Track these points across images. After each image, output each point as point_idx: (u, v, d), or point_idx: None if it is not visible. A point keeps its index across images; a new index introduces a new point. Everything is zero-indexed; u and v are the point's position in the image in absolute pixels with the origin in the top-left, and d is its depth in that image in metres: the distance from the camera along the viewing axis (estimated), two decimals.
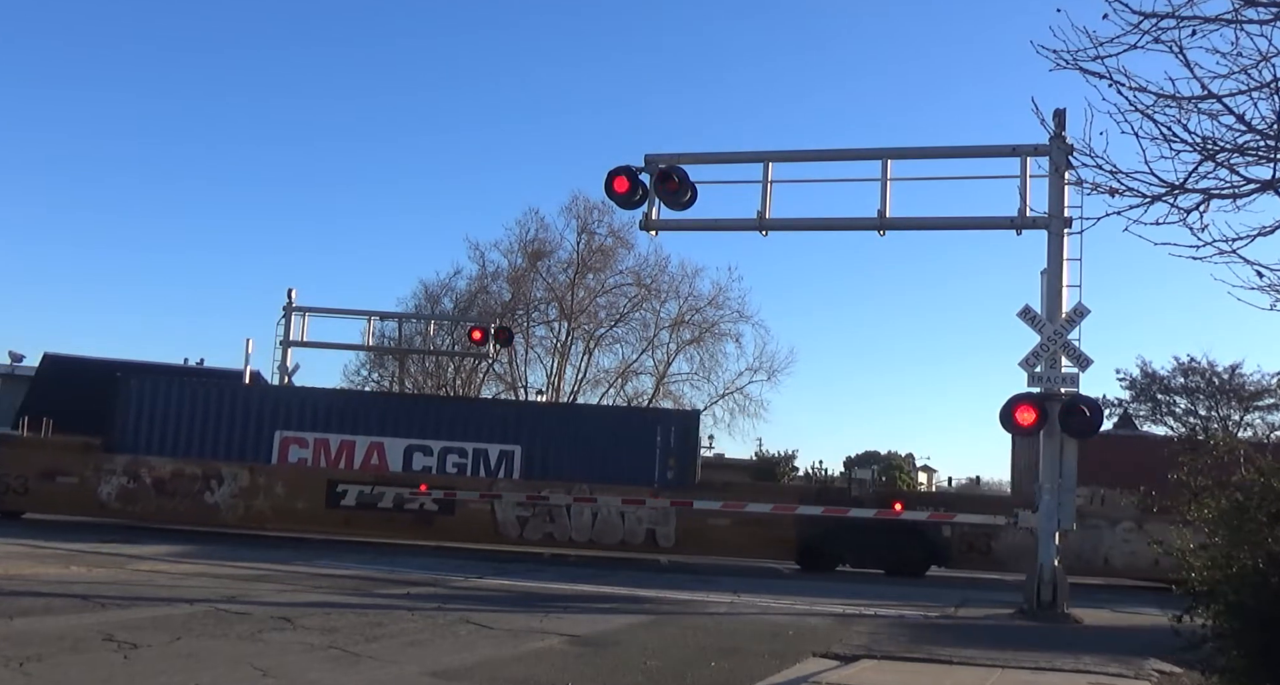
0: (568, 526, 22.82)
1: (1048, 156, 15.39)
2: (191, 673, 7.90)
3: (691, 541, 22.73)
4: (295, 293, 28.10)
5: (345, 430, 24.01)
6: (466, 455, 23.91)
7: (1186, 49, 5.78)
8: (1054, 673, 10.04)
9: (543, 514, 22.78)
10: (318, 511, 23.00)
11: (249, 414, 24.09)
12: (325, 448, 23.97)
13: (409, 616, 11.75)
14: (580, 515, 22.77)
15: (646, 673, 9.13)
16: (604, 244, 41.70)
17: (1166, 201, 6.23)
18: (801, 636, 11.74)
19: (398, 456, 23.84)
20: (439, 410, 25.11)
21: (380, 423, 24.19)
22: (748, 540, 22.32)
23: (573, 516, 22.79)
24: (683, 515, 22.41)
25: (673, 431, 24.20)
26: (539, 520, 22.85)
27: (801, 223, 18.35)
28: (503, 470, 23.87)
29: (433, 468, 23.75)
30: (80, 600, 11.41)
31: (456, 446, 23.93)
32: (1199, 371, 40.04)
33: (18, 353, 28.06)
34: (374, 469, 23.70)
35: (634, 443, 23.86)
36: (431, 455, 23.88)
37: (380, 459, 23.88)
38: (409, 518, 22.95)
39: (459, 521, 22.89)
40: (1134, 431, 36.08)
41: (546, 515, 22.79)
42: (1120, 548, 21.65)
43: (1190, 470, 8.54)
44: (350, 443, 23.95)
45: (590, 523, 22.81)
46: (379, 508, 22.90)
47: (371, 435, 23.97)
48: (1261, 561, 7.04)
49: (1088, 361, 15.66)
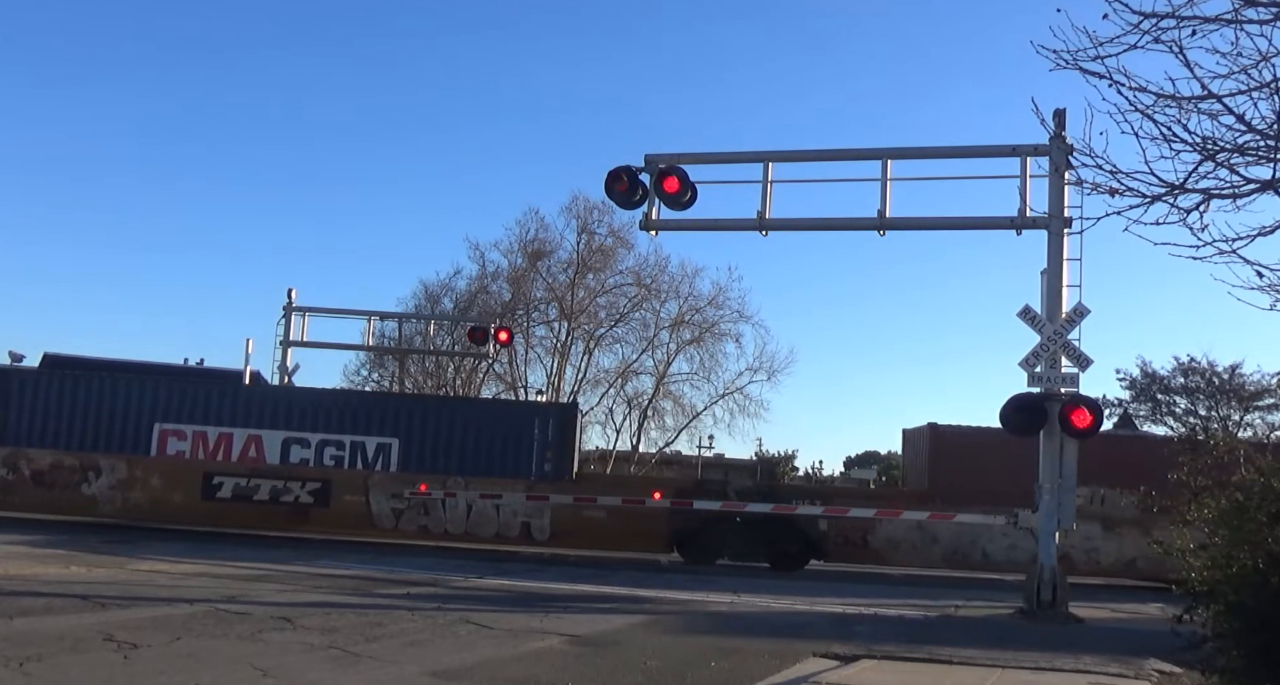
0: (442, 518, 22.90)
1: (1048, 156, 15.39)
2: (191, 673, 7.89)
3: (567, 534, 22.86)
4: (295, 293, 28.10)
5: (224, 423, 24.13)
6: (344, 448, 24.13)
7: (1186, 49, 5.79)
8: (1054, 673, 10.04)
9: (417, 506, 22.88)
10: (193, 504, 22.99)
11: (129, 407, 24.15)
12: (204, 440, 24.15)
13: (409, 616, 11.75)
14: (455, 508, 22.88)
15: (646, 673, 9.13)
16: (604, 244, 41.75)
17: (1166, 201, 6.23)
18: (801, 636, 11.73)
19: (275, 449, 24.03)
20: (316, 403, 24.98)
21: (259, 415, 24.30)
22: (623, 533, 22.51)
23: (447, 509, 22.89)
24: (557, 507, 22.61)
25: (551, 424, 24.39)
26: (414, 512, 22.93)
27: (801, 223, 18.36)
28: (380, 463, 24.02)
29: (310, 460, 23.97)
30: (80, 600, 11.41)
31: (334, 439, 24.15)
32: (1199, 371, 40.09)
33: (18, 353, 28.10)
34: (251, 461, 23.84)
35: (512, 436, 24.10)
36: (309, 448, 24.10)
37: (258, 451, 24.05)
38: (284, 510, 23.01)
39: (334, 514, 22.99)
40: (1134, 431, 36.08)
41: (421, 507, 22.90)
42: (999, 542, 21.92)
43: (1190, 470, 8.54)
44: (228, 435, 24.11)
45: (465, 515, 22.90)
46: (254, 500, 22.95)
47: (250, 428, 24.11)
48: (1261, 561, 7.04)
49: (1088, 361, 15.66)
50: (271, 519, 23.03)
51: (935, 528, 21.83)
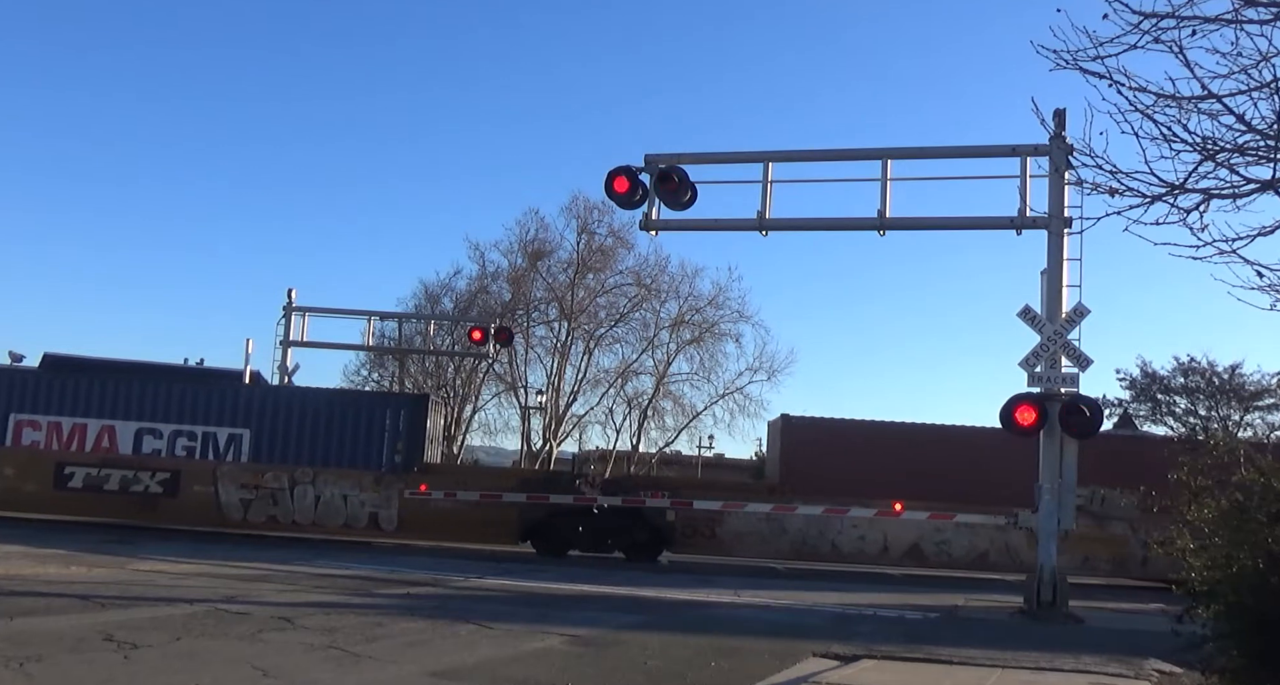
0: (291, 509, 23.08)
1: (1048, 156, 15.39)
2: (191, 673, 7.89)
3: (415, 524, 23.07)
4: (295, 293, 28.13)
5: (78, 413, 24.22)
6: (196, 438, 24.28)
7: (1186, 49, 5.78)
8: (1054, 673, 10.04)
9: (266, 496, 23.04)
10: (45, 494, 23.11)
11: None
12: (58, 430, 24.25)
13: (409, 616, 11.75)
14: (304, 498, 23.08)
15: (646, 673, 9.13)
16: (604, 244, 41.78)
17: (1166, 201, 6.22)
18: (801, 636, 11.73)
19: (129, 439, 24.15)
20: (168, 393, 24.92)
21: (113, 406, 24.36)
22: (471, 523, 22.74)
23: (296, 499, 23.06)
24: (405, 498, 22.84)
25: (401, 415, 24.48)
26: (262, 503, 23.08)
27: (801, 223, 18.36)
28: (231, 454, 24.14)
29: (162, 451, 24.12)
30: (80, 600, 11.41)
31: (186, 429, 24.29)
32: (1199, 371, 40.09)
33: (18, 353, 28.14)
34: (104, 452, 23.95)
35: (363, 426, 24.22)
36: (161, 438, 24.25)
37: (111, 442, 24.16)
38: (134, 500, 23.18)
39: (183, 504, 23.15)
40: (1134, 431, 36.08)
41: (270, 498, 23.04)
42: (849, 534, 22.29)
43: (1190, 470, 8.53)
44: (82, 426, 24.21)
45: (313, 505, 23.10)
46: (105, 490, 23.09)
47: (104, 418, 24.23)
48: (1261, 561, 7.03)
49: (1088, 361, 15.66)
50: (121, 509, 23.24)
51: (783, 519, 22.28)
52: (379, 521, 23.02)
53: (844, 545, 22.44)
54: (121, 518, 23.08)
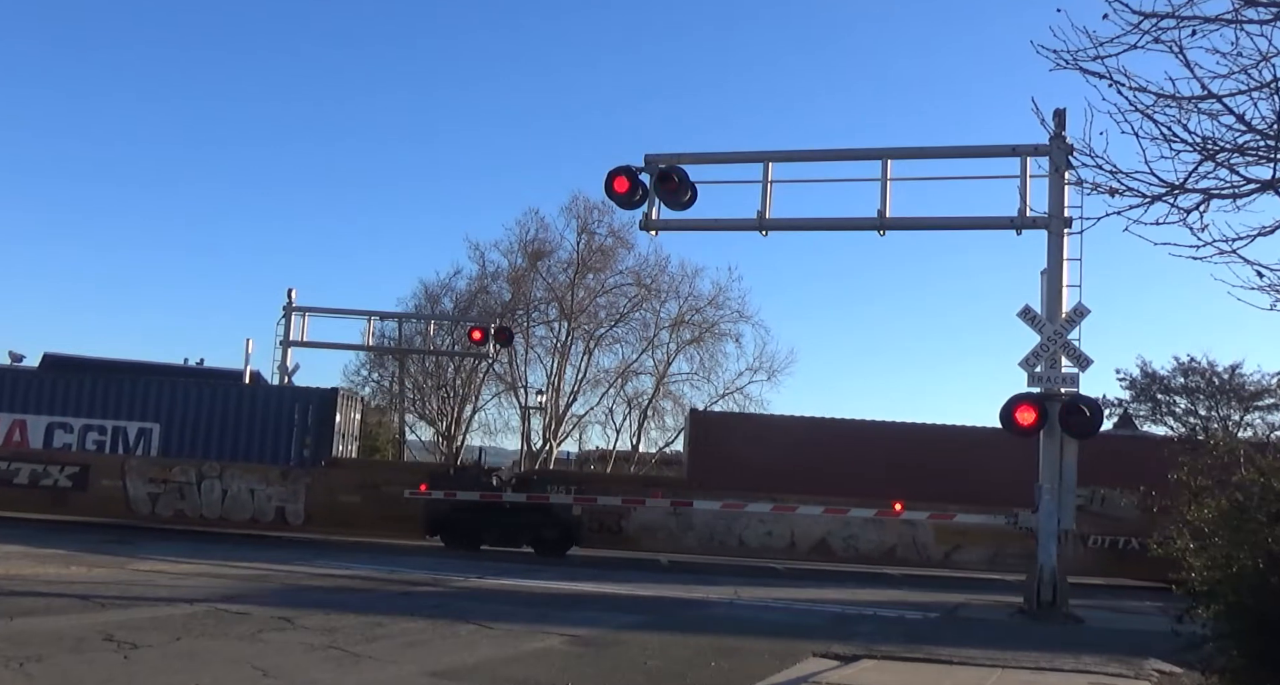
0: (198, 503, 23.12)
1: (1048, 156, 15.38)
2: (191, 673, 7.89)
3: (322, 519, 23.16)
4: (295, 293, 28.12)
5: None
6: (106, 432, 24.48)
7: (1186, 49, 5.77)
8: (1054, 673, 10.04)
9: (174, 490, 23.10)
10: None
11: None
12: None
13: (409, 616, 11.75)
14: (211, 492, 23.13)
15: (646, 673, 9.13)
16: (604, 244, 41.71)
17: (1166, 201, 6.22)
18: (801, 636, 11.73)
19: (39, 434, 24.38)
20: (79, 388, 24.97)
21: (24, 400, 24.54)
22: (377, 517, 22.84)
23: (203, 493, 23.13)
24: (312, 492, 23.00)
25: (310, 410, 24.58)
26: (170, 497, 23.14)
27: (801, 223, 18.36)
28: (141, 448, 24.28)
29: (72, 445, 24.29)
30: (80, 600, 11.41)
31: (97, 424, 24.49)
32: (1199, 371, 40.05)
33: (18, 353, 28.22)
34: (15, 446, 24.17)
35: (271, 420, 24.38)
36: (72, 433, 24.47)
37: (22, 436, 24.39)
38: (44, 494, 23.27)
39: (92, 498, 23.23)
40: (1134, 431, 36.07)
41: (178, 492, 23.09)
42: (756, 529, 22.42)
43: (1190, 470, 8.53)
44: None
45: (220, 499, 23.16)
46: (14, 484, 23.17)
47: (14, 413, 24.45)
48: (1261, 561, 7.03)
49: (1088, 361, 15.66)
50: (31, 502, 23.31)
51: (690, 515, 22.41)
52: (286, 515, 23.16)
53: (750, 540, 22.60)
54: (31, 512, 23.19)
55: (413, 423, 45.72)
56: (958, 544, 21.99)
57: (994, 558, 21.70)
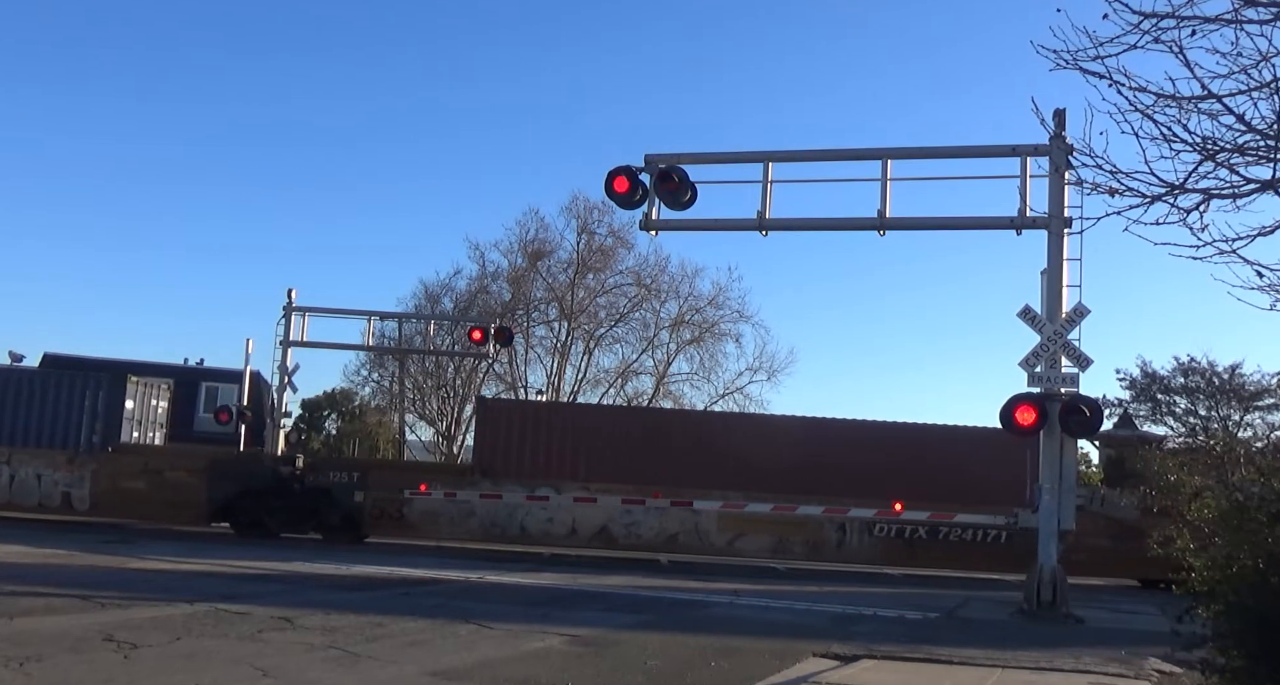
0: None
1: (1048, 156, 15.38)
2: (191, 673, 7.89)
3: (107, 504, 23.34)
4: (295, 293, 28.08)
5: None
6: None
7: (1186, 49, 5.77)
8: (1054, 673, 10.04)
9: None
10: None
11: None
12: None
13: (409, 616, 11.75)
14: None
15: (646, 673, 9.13)
16: (604, 244, 41.76)
17: (1166, 201, 6.21)
18: (801, 636, 11.74)
19: None
20: None
21: None
22: (162, 503, 23.01)
23: None
24: (98, 478, 23.21)
25: (100, 395, 24.43)
26: None
27: (801, 223, 18.35)
28: None
29: None
30: (80, 600, 11.41)
31: None
32: (1199, 371, 40.01)
33: (18, 353, 28.21)
34: None
35: (62, 405, 24.17)
36: None
37: None
38: None
39: None
40: (1134, 431, 36.07)
41: None
42: (538, 516, 22.87)
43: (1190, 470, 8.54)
44: None
45: (8, 484, 23.38)
46: None
47: None
48: (1261, 561, 7.03)
49: (1088, 361, 15.65)
50: None
51: (471, 502, 22.77)
52: (72, 501, 23.33)
53: (532, 527, 22.93)
54: None
55: (413, 423, 45.79)
56: (741, 532, 22.54)
57: (777, 546, 22.47)
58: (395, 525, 23.11)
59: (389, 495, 22.88)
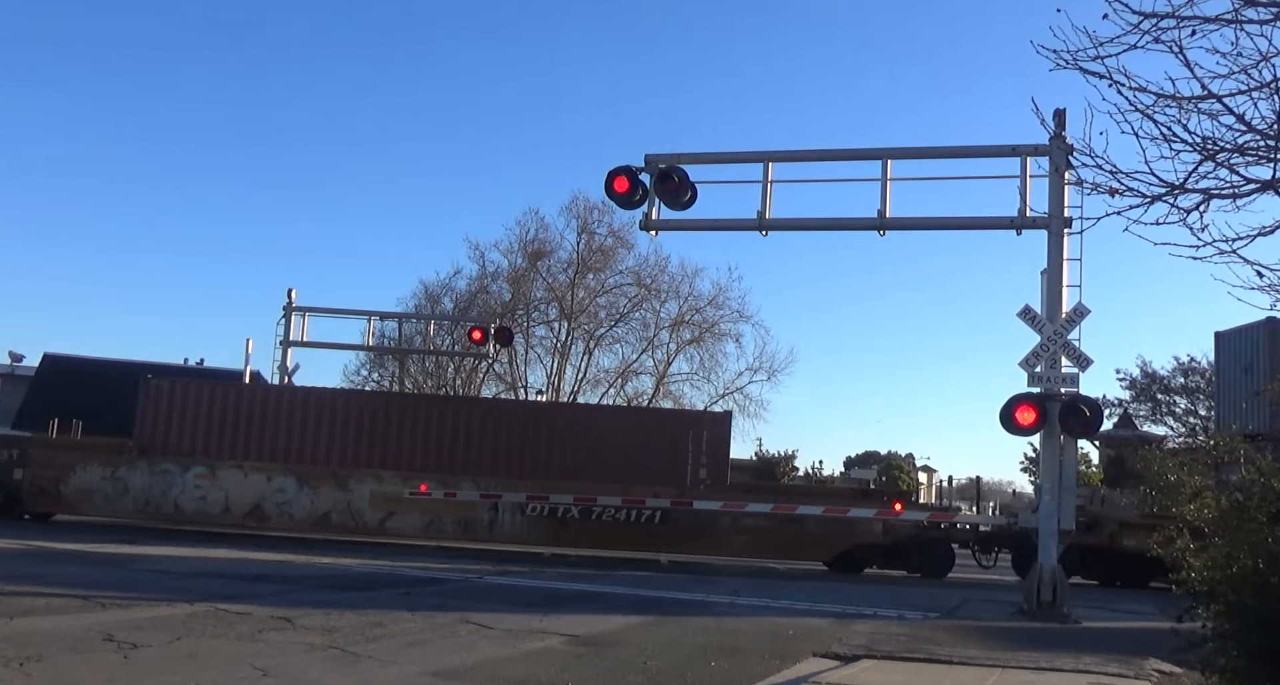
0: None
1: (1048, 156, 15.39)
2: (191, 673, 7.89)
3: None
4: (295, 293, 28.10)
5: None
6: None
7: (1186, 49, 5.77)
8: (1054, 673, 10.03)
9: None
10: None
11: None
12: None
13: (409, 616, 11.75)
14: None
15: (646, 673, 9.13)
16: (604, 244, 41.76)
17: (1166, 201, 6.21)
18: (801, 636, 11.74)
19: None
20: None
21: None
22: None
23: None
24: None
25: None
26: None
27: (801, 223, 18.35)
28: None
29: None
30: (80, 600, 11.41)
31: None
32: (1199, 371, 40.08)
33: (18, 353, 28.27)
34: None
35: None
36: None
37: None
38: None
39: None
40: (1134, 431, 36.09)
41: None
42: (191, 494, 23.39)
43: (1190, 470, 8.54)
44: None
45: None
46: None
47: None
48: (1261, 561, 7.03)
49: (1088, 361, 15.65)
50: None
51: (128, 478, 23.44)
52: None
53: (186, 504, 23.40)
54: None
55: None
56: (392, 511, 23.17)
57: (429, 525, 23.20)
58: (55, 502, 23.63)
59: (48, 473, 23.40)
